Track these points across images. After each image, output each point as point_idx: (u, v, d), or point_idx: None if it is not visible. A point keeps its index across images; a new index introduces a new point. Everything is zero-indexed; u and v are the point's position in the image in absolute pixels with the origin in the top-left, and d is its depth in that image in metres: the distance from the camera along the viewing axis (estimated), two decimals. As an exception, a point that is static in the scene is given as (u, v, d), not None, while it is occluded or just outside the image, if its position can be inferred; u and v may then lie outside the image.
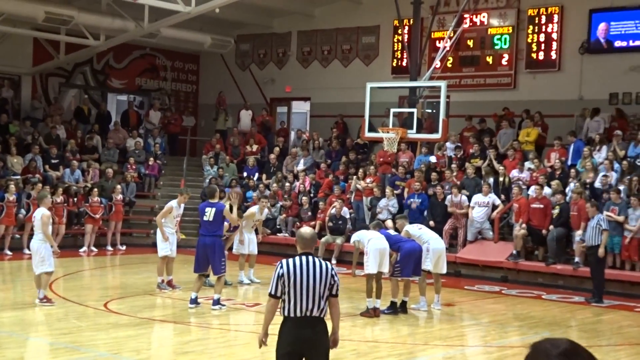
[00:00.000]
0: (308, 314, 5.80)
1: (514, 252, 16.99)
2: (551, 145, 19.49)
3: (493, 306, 14.15)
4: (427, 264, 12.81)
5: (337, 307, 6.05)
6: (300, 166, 22.53)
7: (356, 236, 13.00)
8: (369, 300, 12.35)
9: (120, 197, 20.83)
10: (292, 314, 5.80)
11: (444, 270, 13.15)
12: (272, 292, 5.87)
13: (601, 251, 14.15)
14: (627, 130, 18.96)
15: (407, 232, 12.91)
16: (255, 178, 22.67)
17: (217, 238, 12.28)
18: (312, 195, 21.10)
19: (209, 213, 12.26)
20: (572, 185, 17.20)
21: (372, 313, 12.25)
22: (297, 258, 5.90)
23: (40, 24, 21.33)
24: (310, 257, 5.91)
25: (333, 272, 5.92)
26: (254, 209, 15.86)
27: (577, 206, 16.11)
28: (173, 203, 14.04)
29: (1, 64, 23.85)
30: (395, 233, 13.07)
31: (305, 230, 6.22)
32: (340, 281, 6.02)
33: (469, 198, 18.20)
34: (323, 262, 5.96)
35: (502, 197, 18.12)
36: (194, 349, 9.76)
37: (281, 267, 5.86)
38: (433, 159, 20.50)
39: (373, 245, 12.36)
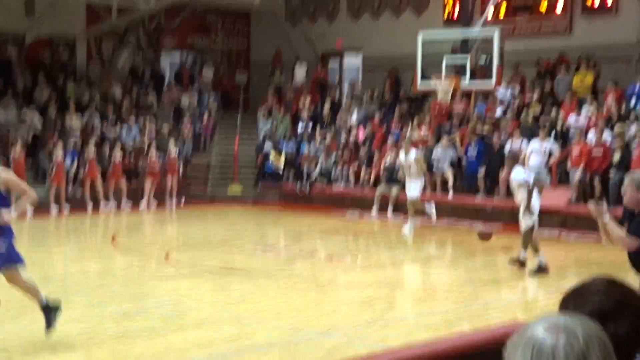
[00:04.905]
0: None
1: (572, 197, 16.80)
2: (606, 89, 19.08)
3: (552, 251, 14.04)
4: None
5: None
6: (354, 119, 22.49)
7: (520, 176, 11.71)
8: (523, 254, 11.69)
9: (175, 153, 21.08)
10: None
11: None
12: None
13: None
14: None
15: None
16: (309, 129, 22.78)
17: None
18: (366, 146, 21.08)
19: None
20: (633, 128, 16.87)
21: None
22: None
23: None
24: None
25: None
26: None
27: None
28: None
29: (56, 28, 24.21)
30: None
31: None
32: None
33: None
34: None
35: (559, 143, 17.89)
36: (254, 296, 9.93)
37: None
38: (499, 110, 20.03)
39: (535, 201, 11.62)
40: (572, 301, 2.17)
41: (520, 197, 11.44)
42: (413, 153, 15.09)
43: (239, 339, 7.89)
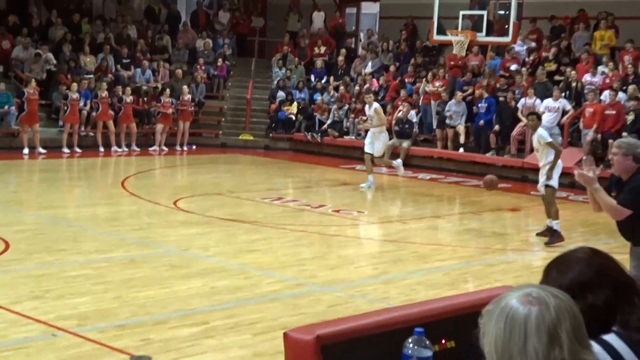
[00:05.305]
0: None
1: (583, 157, 16.70)
2: (623, 48, 18.82)
3: (559, 213, 14.05)
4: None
5: None
6: (368, 69, 22.34)
7: (548, 136, 11.09)
8: (556, 222, 11.30)
9: (188, 97, 21.06)
10: None
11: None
12: None
13: None
14: None
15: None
16: (323, 81, 22.63)
17: None
18: (379, 98, 20.99)
19: None
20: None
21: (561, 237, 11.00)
22: None
23: None
24: None
25: None
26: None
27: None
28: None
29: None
30: None
31: None
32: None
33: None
34: None
35: (573, 102, 17.77)
36: (260, 248, 10.04)
37: None
38: (514, 66, 19.79)
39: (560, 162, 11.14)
40: (555, 268, 2.25)
41: (544, 160, 10.93)
42: (374, 105, 15.41)
43: (243, 290, 8.00)
